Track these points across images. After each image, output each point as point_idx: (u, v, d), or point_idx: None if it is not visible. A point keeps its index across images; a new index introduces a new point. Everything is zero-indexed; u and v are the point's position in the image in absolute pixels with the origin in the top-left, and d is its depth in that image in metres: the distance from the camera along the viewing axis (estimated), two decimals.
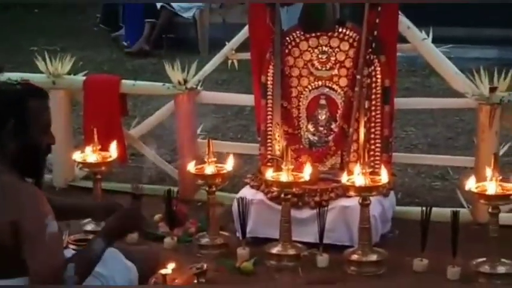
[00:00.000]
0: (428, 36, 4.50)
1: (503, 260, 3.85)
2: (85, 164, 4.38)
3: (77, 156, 4.39)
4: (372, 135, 4.34)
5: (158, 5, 8.87)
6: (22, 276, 3.08)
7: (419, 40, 4.47)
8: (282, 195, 4.06)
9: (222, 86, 7.03)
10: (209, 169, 4.20)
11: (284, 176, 4.05)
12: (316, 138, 4.44)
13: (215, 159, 4.22)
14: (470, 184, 3.83)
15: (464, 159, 4.70)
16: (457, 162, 4.79)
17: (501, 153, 4.40)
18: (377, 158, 4.33)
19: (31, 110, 3.18)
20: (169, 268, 3.79)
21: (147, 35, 8.78)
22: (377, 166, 4.26)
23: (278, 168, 4.17)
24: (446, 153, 5.30)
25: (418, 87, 7.03)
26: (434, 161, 4.95)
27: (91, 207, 3.69)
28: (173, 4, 8.86)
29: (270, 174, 4.10)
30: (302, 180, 4.05)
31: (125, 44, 8.88)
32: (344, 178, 4.02)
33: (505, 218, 4.11)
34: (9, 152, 3.16)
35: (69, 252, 3.57)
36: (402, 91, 6.71)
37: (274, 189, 4.14)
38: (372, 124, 4.33)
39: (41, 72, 4.98)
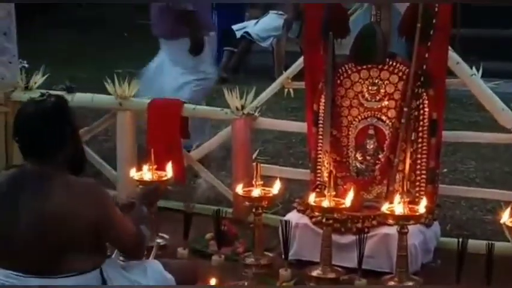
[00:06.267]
0: (478, 71, 4.59)
1: None
2: (141, 182, 4.56)
3: (134, 174, 4.60)
4: (418, 166, 4.43)
5: (238, 34, 9.16)
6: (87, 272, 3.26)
7: (467, 76, 4.56)
8: (324, 220, 4.21)
9: (291, 112, 7.22)
10: (256, 192, 4.38)
11: (326, 202, 4.19)
12: (363, 166, 4.55)
13: (262, 182, 4.39)
14: (505, 218, 3.90)
15: None
16: (506, 196, 4.83)
17: None
18: (422, 188, 4.43)
19: (73, 116, 3.41)
20: (211, 283, 4.00)
21: (225, 62, 9.08)
22: (421, 196, 4.36)
23: (324, 194, 4.31)
24: (502, 187, 5.29)
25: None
26: (485, 195, 4.97)
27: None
28: (252, 34, 9.14)
29: (312, 199, 4.26)
30: (343, 206, 4.19)
31: None
32: (384, 206, 4.14)
33: None
34: (69, 154, 3.33)
35: None
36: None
37: (317, 213, 4.29)
38: (419, 156, 4.43)
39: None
